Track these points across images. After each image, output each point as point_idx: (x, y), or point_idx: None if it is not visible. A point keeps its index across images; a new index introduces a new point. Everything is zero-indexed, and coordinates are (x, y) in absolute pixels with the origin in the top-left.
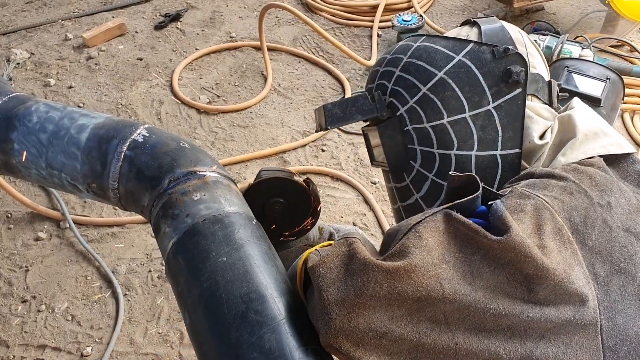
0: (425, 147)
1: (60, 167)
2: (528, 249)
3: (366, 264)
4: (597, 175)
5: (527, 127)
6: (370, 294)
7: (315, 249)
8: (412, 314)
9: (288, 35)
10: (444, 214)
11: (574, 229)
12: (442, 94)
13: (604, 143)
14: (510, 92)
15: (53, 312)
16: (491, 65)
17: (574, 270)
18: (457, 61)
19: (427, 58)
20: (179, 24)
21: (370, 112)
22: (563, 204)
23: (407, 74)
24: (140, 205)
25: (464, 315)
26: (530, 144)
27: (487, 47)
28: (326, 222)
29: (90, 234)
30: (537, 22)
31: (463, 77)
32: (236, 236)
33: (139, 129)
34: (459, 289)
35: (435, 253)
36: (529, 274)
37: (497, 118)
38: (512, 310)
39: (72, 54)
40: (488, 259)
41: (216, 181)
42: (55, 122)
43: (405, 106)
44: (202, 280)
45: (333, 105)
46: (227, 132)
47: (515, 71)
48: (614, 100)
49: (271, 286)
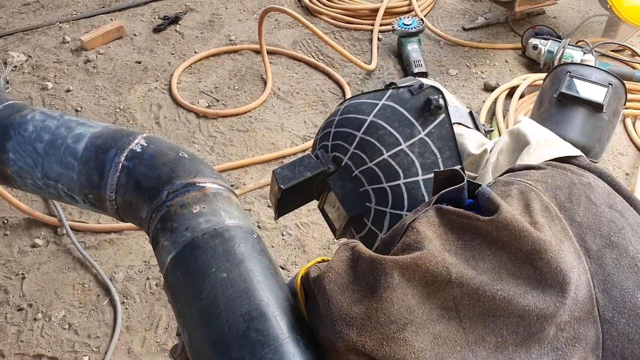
0: (375, 185)
1: (57, 177)
2: (521, 224)
3: (373, 260)
4: (570, 167)
5: (460, 143)
6: (384, 286)
7: (312, 265)
8: (424, 301)
9: (288, 39)
10: (435, 208)
11: (561, 206)
12: (376, 133)
13: (557, 148)
14: (435, 119)
15: (50, 321)
16: (412, 101)
17: (565, 245)
18: (382, 105)
19: (355, 110)
20: (178, 27)
21: (317, 168)
22: (546, 185)
23: (342, 128)
24: (139, 217)
25: (473, 300)
26: (469, 157)
27: (403, 88)
28: (317, 243)
29: (88, 241)
30: (539, 27)
31: (390, 116)
32: (237, 251)
33: (137, 138)
34: (465, 273)
35: (436, 242)
36: (528, 250)
37: (431, 143)
38: (517, 290)
39: (69, 57)
40: (487, 242)
41: (216, 193)
42: (52, 132)
43: (347, 154)
44: (202, 297)
45: (282, 169)
46: (227, 137)
47: (433, 98)
48: (615, 105)
49: (273, 303)
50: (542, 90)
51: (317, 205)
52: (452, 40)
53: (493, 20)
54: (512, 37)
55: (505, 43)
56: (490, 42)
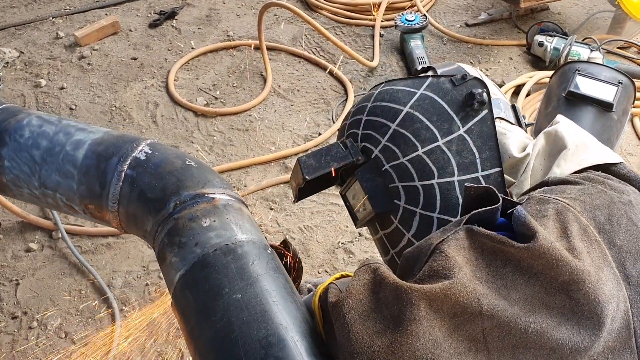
0: (406, 182)
1: (55, 186)
2: (558, 253)
3: (398, 287)
4: (609, 180)
5: (502, 143)
6: (410, 319)
7: (330, 283)
8: (451, 334)
9: (287, 35)
10: (465, 229)
11: (600, 228)
12: (411, 126)
13: (595, 153)
14: (477, 115)
15: (45, 329)
16: (453, 93)
17: (604, 272)
18: (420, 94)
19: (390, 98)
20: (175, 22)
21: (345, 159)
22: (584, 204)
23: (375, 117)
24: (143, 230)
25: (504, 333)
26: (510, 159)
27: (445, 77)
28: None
29: (84, 245)
30: (544, 23)
31: (428, 108)
32: (251, 269)
33: (141, 145)
34: (496, 304)
35: (466, 270)
36: (565, 280)
37: (471, 141)
38: (550, 322)
39: (63, 53)
40: (520, 269)
41: (227, 204)
42: (50, 138)
43: (378, 146)
44: (215, 320)
45: (308, 157)
46: (226, 136)
47: (477, 92)
48: (625, 104)
49: (291, 327)
50: (549, 88)
51: (339, 192)
52: (455, 37)
53: (496, 16)
54: (516, 33)
55: (510, 39)
56: (494, 38)
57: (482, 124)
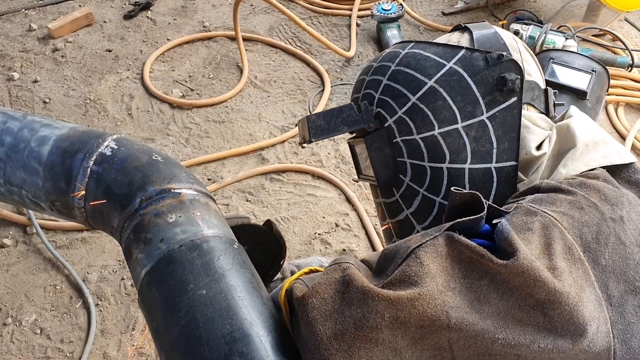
0: (415, 160)
1: (20, 183)
2: (537, 273)
3: (365, 292)
4: (606, 189)
5: (523, 137)
6: (372, 326)
7: (297, 278)
8: (415, 343)
9: (264, 25)
10: (445, 236)
11: (586, 247)
12: (432, 103)
13: (605, 153)
14: (505, 101)
15: (20, 325)
16: (484, 73)
17: (585, 292)
18: (448, 69)
19: (416, 66)
20: (150, 13)
21: (356, 124)
22: (573, 220)
23: (396, 83)
24: (110, 226)
25: (470, 343)
26: (527, 155)
27: (479, 53)
28: (298, 239)
29: (59, 240)
30: (520, 11)
31: (455, 86)
32: (216, 264)
33: (107, 140)
34: (466, 318)
35: (439, 280)
36: (541, 299)
37: (492, 129)
38: (522, 340)
39: (36, 46)
40: (495, 283)
41: (193, 200)
42: (14, 134)
43: (393, 117)
44: (180, 316)
45: (317, 117)
46: (202, 128)
47: (510, 79)
48: (599, 92)
49: (257, 322)
50: None
51: (347, 140)
52: (432, 26)
53: (473, 5)
54: (492, 21)
55: None
56: None
57: (508, 112)
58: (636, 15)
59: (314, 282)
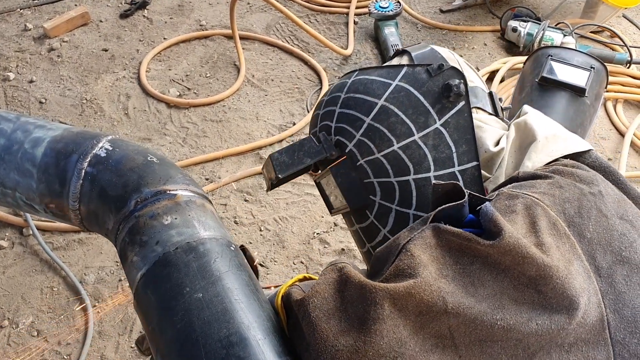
0: (382, 179)
1: (14, 185)
2: (525, 249)
3: (363, 287)
4: (578, 171)
5: (479, 137)
6: (374, 318)
7: (292, 284)
8: (417, 332)
9: (261, 23)
10: (432, 228)
11: (570, 221)
12: (386, 121)
13: (565, 143)
14: (454, 107)
15: (17, 328)
16: (429, 84)
17: (574, 265)
18: (395, 86)
19: (364, 90)
20: (146, 12)
21: (318, 154)
22: (554, 198)
23: (348, 109)
24: (105, 228)
25: (470, 329)
26: (486, 153)
27: (421, 67)
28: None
29: (56, 241)
30: (518, 8)
31: (404, 101)
32: (213, 267)
33: (101, 141)
34: (462, 302)
35: (431, 268)
36: (532, 275)
37: (447, 135)
38: (519, 318)
39: (32, 46)
40: (487, 266)
41: (189, 201)
42: (7, 136)
43: (352, 141)
44: (176, 320)
45: (280, 154)
46: (199, 128)
47: (454, 84)
48: (597, 89)
49: (254, 326)
50: (523, 74)
51: (313, 179)
52: (429, 23)
53: (471, 2)
54: (490, 19)
55: (484, 25)
56: (469, 24)
57: (459, 116)
58: (634, 12)
59: (311, 285)
